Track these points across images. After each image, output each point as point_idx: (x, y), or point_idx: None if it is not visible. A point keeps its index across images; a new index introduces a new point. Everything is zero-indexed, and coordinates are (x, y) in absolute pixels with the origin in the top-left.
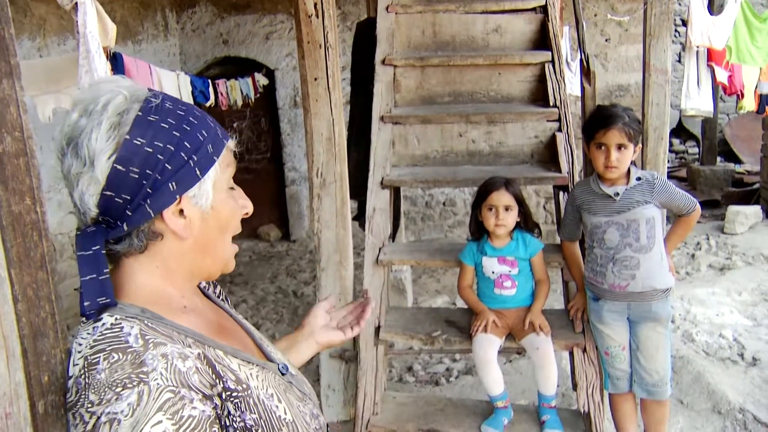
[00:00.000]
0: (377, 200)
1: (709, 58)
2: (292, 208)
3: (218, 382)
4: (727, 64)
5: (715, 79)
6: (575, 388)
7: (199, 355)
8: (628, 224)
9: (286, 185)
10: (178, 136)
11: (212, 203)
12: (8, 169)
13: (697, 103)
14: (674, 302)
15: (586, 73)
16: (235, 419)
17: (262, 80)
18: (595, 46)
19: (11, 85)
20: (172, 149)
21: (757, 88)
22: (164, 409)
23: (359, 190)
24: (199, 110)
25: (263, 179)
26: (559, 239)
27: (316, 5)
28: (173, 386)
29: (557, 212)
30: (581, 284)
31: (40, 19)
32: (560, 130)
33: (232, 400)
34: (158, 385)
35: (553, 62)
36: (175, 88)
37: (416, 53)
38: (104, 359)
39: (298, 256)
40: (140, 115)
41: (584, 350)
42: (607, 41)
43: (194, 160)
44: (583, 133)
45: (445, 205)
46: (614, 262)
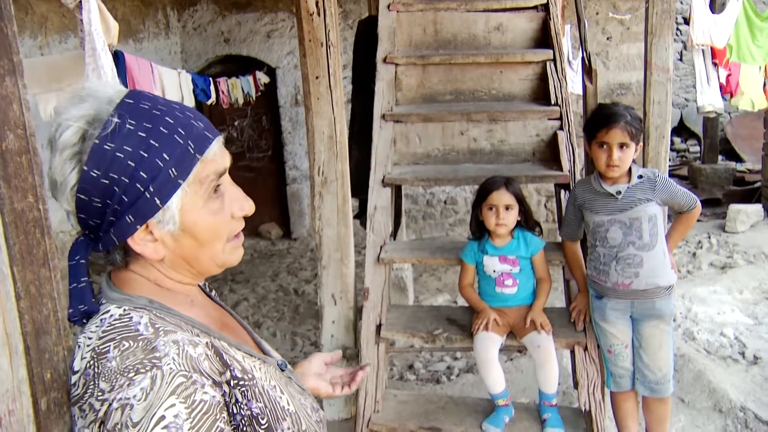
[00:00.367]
0: (378, 198)
1: (713, 56)
2: (293, 206)
3: (226, 370)
4: (726, 62)
5: (717, 77)
6: (576, 386)
7: (207, 343)
8: (630, 222)
9: (287, 183)
10: (132, 166)
11: (180, 226)
12: (11, 166)
13: (711, 99)
14: (675, 301)
15: (587, 71)
16: (242, 407)
17: (263, 78)
18: (596, 44)
19: (14, 82)
20: (126, 181)
21: (766, 85)
22: (177, 392)
23: (360, 188)
24: (170, 123)
25: (264, 177)
26: (560, 237)
27: (317, 3)
28: (185, 371)
29: (558, 211)
30: (583, 285)
31: (41, 17)
32: (562, 128)
33: (239, 388)
34: (171, 369)
35: (554, 60)
36: (176, 86)
37: (418, 51)
38: (114, 347)
39: (299, 254)
40: (97, 144)
41: (585, 348)
42: (608, 39)
43: (151, 190)
44: (584, 131)
45: (446, 203)
46: (617, 260)
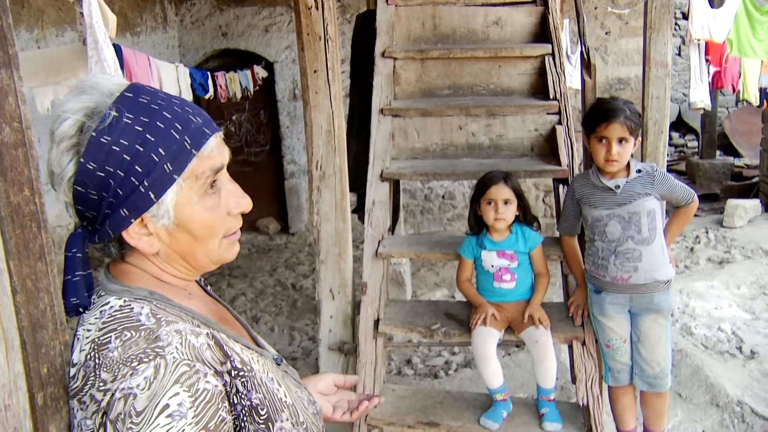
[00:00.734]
0: (377, 193)
1: (706, 52)
2: (291, 200)
3: (227, 360)
4: (720, 59)
5: (709, 73)
6: (574, 381)
7: (208, 334)
8: (629, 217)
9: (285, 178)
10: (128, 160)
11: (175, 220)
12: (7, 159)
13: (702, 94)
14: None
15: (586, 65)
16: (242, 397)
17: (261, 73)
18: (595, 39)
19: (9, 75)
20: (122, 174)
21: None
22: (181, 381)
23: (358, 182)
24: (168, 118)
25: (262, 172)
26: (558, 232)
27: None
28: (189, 360)
29: (557, 205)
30: (581, 280)
31: (38, 10)
32: (560, 123)
33: (240, 378)
34: (174, 358)
35: (553, 55)
36: (174, 80)
37: (416, 46)
38: (116, 338)
39: (297, 248)
40: (94, 136)
41: (583, 343)
42: (607, 34)
43: (146, 184)
44: (583, 126)
45: (444, 198)
46: (616, 254)
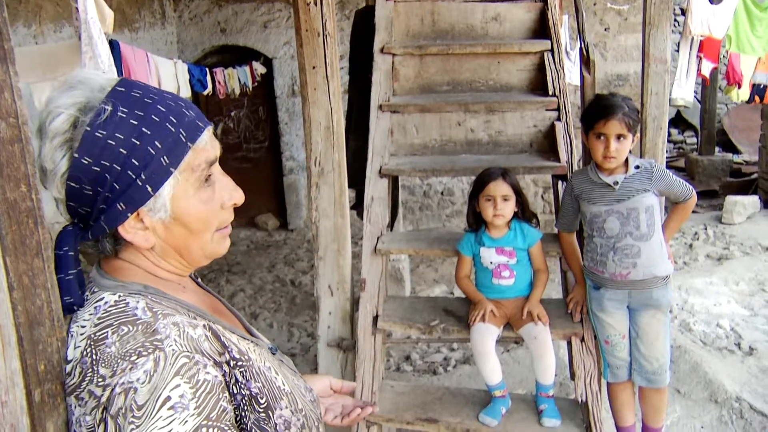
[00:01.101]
0: (375, 189)
1: (700, 49)
2: (290, 197)
3: (225, 351)
4: (717, 55)
5: (699, 70)
6: (573, 377)
7: (204, 325)
8: (628, 213)
9: (283, 174)
10: (124, 153)
11: (172, 214)
12: (3, 155)
13: (683, 92)
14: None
15: (585, 62)
16: (242, 387)
17: (260, 69)
18: (594, 35)
19: (5, 70)
20: (118, 168)
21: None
22: (181, 373)
23: (357, 179)
24: (162, 111)
25: (261, 168)
26: (556, 229)
27: None
28: (188, 352)
29: (556, 202)
30: (580, 277)
31: (35, 5)
32: (559, 119)
33: (238, 368)
34: (173, 350)
35: (552, 51)
36: (172, 76)
37: (415, 42)
38: (113, 333)
39: (295, 245)
40: (88, 131)
41: (582, 339)
42: (606, 30)
43: (143, 178)
44: (581, 122)
45: (443, 194)
46: (615, 250)
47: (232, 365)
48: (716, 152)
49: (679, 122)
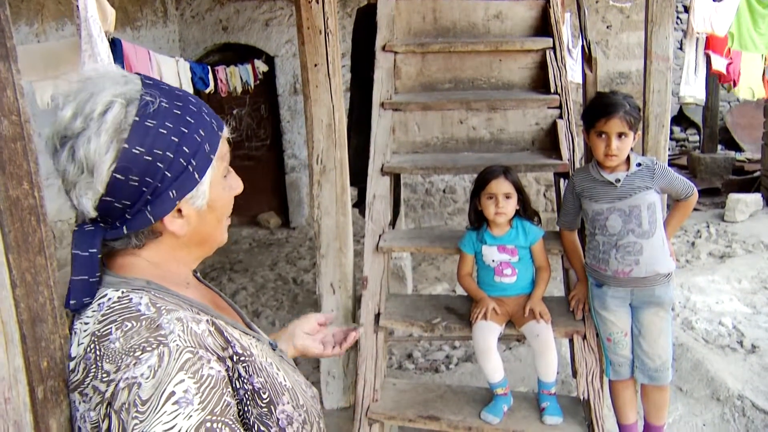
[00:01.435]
0: (377, 187)
1: (706, 45)
2: (291, 195)
3: (228, 346)
4: (728, 51)
5: (710, 67)
6: (575, 375)
7: (208, 321)
8: (630, 210)
9: (285, 172)
10: (176, 141)
11: (208, 201)
12: (5, 153)
13: (693, 90)
14: (674, 290)
15: (587, 59)
16: (245, 382)
17: (261, 67)
18: (596, 32)
19: (7, 68)
20: (171, 156)
21: (765, 74)
22: (185, 368)
23: (359, 176)
24: (194, 102)
25: (263, 166)
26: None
27: None
28: (192, 347)
29: (558, 200)
30: (582, 274)
31: (38, 4)
32: (561, 117)
33: (241, 363)
34: (177, 346)
35: (554, 49)
36: (174, 74)
37: (417, 40)
38: (117, 329)
39: (297, 243)
40: (137, 120)
41: (584, 337)
42: (608, 28)
43: (193, 164)
44: (583, 120)
45: (445, 192)
46: (617, 248)
47: (235, 360)
48: (719, 150)
49: (681, 120)
